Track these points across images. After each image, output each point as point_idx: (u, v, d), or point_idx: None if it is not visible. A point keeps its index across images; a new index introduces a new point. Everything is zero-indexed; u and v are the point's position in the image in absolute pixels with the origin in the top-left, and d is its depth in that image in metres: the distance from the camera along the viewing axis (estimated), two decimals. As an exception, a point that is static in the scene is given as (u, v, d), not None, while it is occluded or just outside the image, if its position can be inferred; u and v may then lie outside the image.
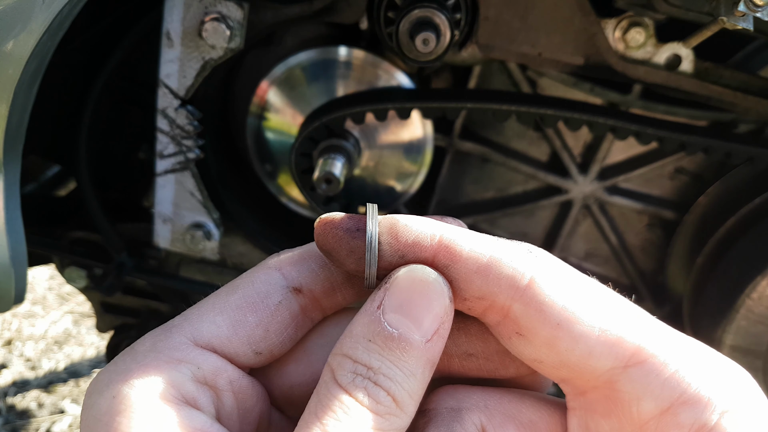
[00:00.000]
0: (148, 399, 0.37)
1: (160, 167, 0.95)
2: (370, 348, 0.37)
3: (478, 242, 0.39)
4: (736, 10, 0.71)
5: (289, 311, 0.43)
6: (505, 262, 0.38)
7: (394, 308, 0.38)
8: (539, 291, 0.38)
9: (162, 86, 0.89)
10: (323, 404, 0.36)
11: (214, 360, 0.40)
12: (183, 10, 0.83)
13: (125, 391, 0.37)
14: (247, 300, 0.42)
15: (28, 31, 0.72)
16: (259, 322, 0.42)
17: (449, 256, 0.39)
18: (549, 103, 0.93)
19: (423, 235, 0.39)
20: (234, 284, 0.43)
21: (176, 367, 0.38)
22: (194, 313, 0.42)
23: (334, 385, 0.37)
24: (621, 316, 0.37)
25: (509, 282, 0.38)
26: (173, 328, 0.40)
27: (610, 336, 0.37)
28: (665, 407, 0.36)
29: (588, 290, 0.38)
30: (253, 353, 0.42)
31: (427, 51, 0.82)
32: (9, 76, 0.73)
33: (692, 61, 0.87)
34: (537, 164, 1.10)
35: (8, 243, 0.82)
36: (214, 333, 0.41)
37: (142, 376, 0.37)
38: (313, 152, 0.97)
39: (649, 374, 0.36)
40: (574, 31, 0.86)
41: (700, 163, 1.08)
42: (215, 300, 0.42)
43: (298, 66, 1.00)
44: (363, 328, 0.38)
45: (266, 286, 0.42)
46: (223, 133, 1.11)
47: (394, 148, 1.04)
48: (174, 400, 0.37)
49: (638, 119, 0.93)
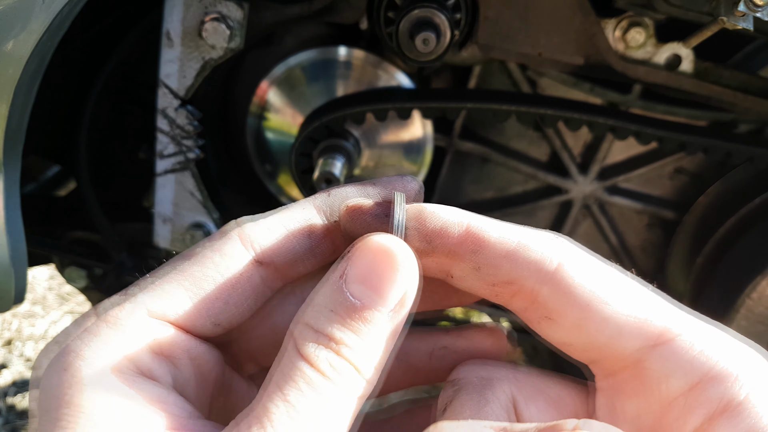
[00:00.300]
0: (101, 372, 0.36)
1: (160, 167, 0.95)
2: (332, 318, 0.37)
3: (505, 228, 0.40)
4: (736, 10, 0.71)
5: (250, 283, 0.42)
6: (533, 247, 0.39)
7: (357, 278, 0.37)
8: (568, 274, 0.39)
9: (162, 86, 0.89)
10: (285, 375, 0.36)
11: (170, 332, 0.39)
12: (183, 10, 0.83)
13: (77, 365, 0.36)
14: (207, 271, 0.41)
15: (28, 31, 0.72)
16: (219, 295, 0.41)
17: (477, 242, 0.40)
18: (549, 103, 0.93)
19: (450, 222, 0.40)
20: (192, 254, 0.42)
21: (131, 339, 0.38)
22: (150, 284, 0.40)
23: (296, 355, 0.36)
24: (646, 298, 0.39)
25: (538, 266, 0.39)
26: (128, 299, 0.39)
27: (638, 317, 0.38)
28: (694, 383, 0.36)
29: (613, 275, 0.39)
30: (212, 325, 0.41)
31: (427, 51, 0.82)
32: (9, 76, 0.73)
33: (692, 61, 0.87)
34: (537, 164, 1.10)
35: (8, 243, 0.82)
36: (171, 305, 0.40)
37: (95, 349, 0.37)
38: (313, 152, 0.97)
39: (677, 352, 0.37)
40: (574, 31, 0.86)
41: (700, 163, 1.08)
42: (172, 270, 0.41)
43: (298, 66, 1.00)
44: (325, 298, 0.38)
45: (227, 258, 0.41)
46: (223, 133, 1.11)
47: (394, 148, 1.04)
48: (128, 372, 0.37)
49: (638, 119, 0.93)
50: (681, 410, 0.37)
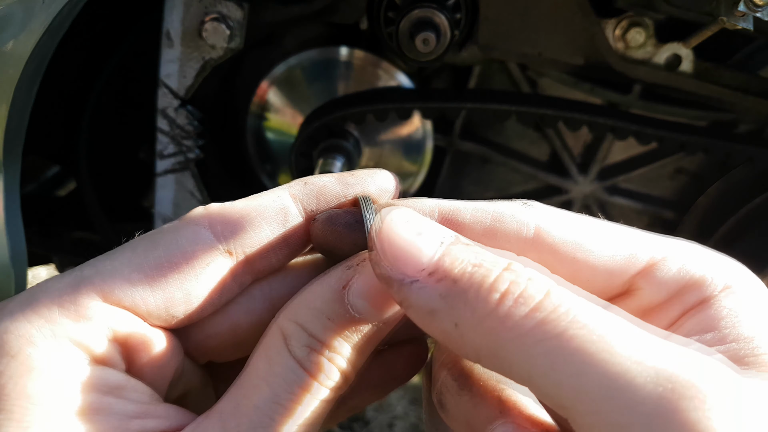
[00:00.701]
0: (55, 360, 0.34)
1: (160, 167, 0.95)
2: (327, 326, 0.37)
3: (476, 207, 0.40)
4: (736, 10, 0.71)
5: (217, 275, 0.40)
6: (507, 219, 0.39)
7: (362, 293, 0.38)
8: (547, 235, 0.39)
9: (162, 86, 0.89)
10: (276, 374, 0.36)
11: (125, 318, 0.38)
12: (183, 10, 0.83)
13: (27, 352, 0.34)
14: (170, 258, 0.38)
15: (28, 31, 0.72)
16: (181, 285, 0.39)
17: (453, 227, 0.39)
18: (549, 103, 0.93)
19: (423, 212, 0.40)
20: (154, 237, 0.40)
21: (84, 326, 0.36)
22: (107, 266, 0.38)
23: (288, 356, 0.37)
24: (626, 235, 0.40)
25: (517, 235, 0.39)
26: (82, 282, 0.37)
27: (623, 254, 0.39)
28: (674, 293, 0.38)
29: (589, 223, 0.40)
30: (168, 316, 0.39)
31: (427, 51, 0.82)
32: (9, 76, 0.73)
33: (692, 62, 0.87)
34: (537, 164, 1.10)
35: (8, 243, 0.82)
36: (128, 291, 0.38)
37: (47, 335, 0.35)
38: (313, 152, 0.97)
39: (661, 272, 0.38)
40: (574, 31, 0.86)
41: (700, 164, 1.08)
42: (131, 253, 0.39)
43: (299, 66, 1.00)
44: (324, 304, 0.38)
45: (193, 245, 0.39)
46: (223, 133, 1.11)
47: (394, 148, 1.04)
48: (83, 359, 0.36)
49: (638, 119, 0.93)
50: (658, 315, 0.38)
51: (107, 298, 0.37)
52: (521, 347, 0.30)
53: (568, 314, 0.30)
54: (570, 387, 0.29)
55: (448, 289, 0.33)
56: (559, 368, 0.29)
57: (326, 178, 0.43)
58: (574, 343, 0.29)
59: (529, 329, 0.30)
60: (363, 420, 1.87)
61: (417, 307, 0.34)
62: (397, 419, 1.88)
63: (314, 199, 0.43)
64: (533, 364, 0.30)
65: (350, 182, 0.43)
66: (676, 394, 0.28)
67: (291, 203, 0.42)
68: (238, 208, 0.41)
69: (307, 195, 0.43)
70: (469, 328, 0.32)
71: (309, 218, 0.43)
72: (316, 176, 0.44)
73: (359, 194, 0.42)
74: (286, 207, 0.42)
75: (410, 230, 0.35)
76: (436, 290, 0.33)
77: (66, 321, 0.36)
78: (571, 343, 0.29)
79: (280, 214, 0.41)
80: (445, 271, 0.33)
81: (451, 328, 0.33)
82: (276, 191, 0.43)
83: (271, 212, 0.41)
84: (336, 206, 0.43)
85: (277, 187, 0.43)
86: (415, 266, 0.34)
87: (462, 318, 0.32)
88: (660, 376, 0.28)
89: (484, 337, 0.32)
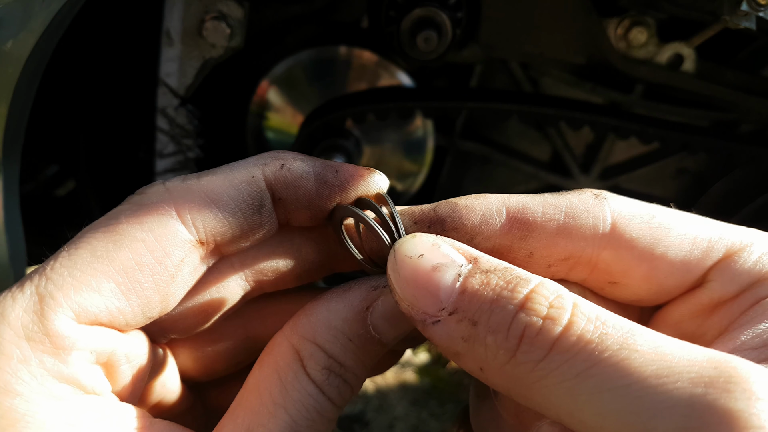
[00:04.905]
0: (44, 407, 0.30)
1: (159, 166, 0.95)
2: (347, 347, 0.36)
3: (546, 203, 0.37)
4: (739, 10, 0.71)
5: (189, 268, 0.36)
6: (581, 215, 0.37)
7: (385, 315, 0.36)
8: (625, 230, 0.36)
9: (162, 85, 0.88)
10: (294, 400, 0.34)
11: (103, 336, 0.34)
12: (183, 9, 0.83)
13: (11, 404, 0.30)
14: (140, 260, 0.34)
15: (28, 31, 0.71)
16: (157, 287, 0.35)
17: (524, 227, 0.37)
18: (550, 103, 0.92)
19: (489, 212, 0.37)
20: (116, 234, 0.34)
21: (66, 357, 0.32)
22: (69, 277, 0.33)
23: (306, 379, 0.35)
24: (704, 227, 0.38)
25: (593, 232, 0.36)
26: (48, 304, 0.32)
27: (701, 247, 0.37)
28: (745, 287, 0.36)
29: (666, 216, 0.38)
30: (146, 319, 0.36)
31: (428, 50, 0.81)
32: (9, 76, 0.73)
33: (694, 61, 0.87)
34: (538, 164, 1.10)
35: (7, 243, 0.82)
36: (101, 305, 0.33)
37: (28, 380, 0.30)
38: (313, 151, 0.96)
39: (735, 264, 0.36)
40: (576, 30, 0.86)
41: (702, 164, 1.07)
42: (92, 258, 0.33)
43: (299, 65, 1.00)
44: (345, 324, 0.36)
45: (164, 241, 0.35)
46: (223, 132, 1.11)
47: (394, 147, 1.04)
48: (71, 397, 0.32)
49: (640, 119, 0.93)
50: (728, 309, 0.36)
51: (81, 318, 0.33)
52: (543, 390, 0.30)
53: (587, 348, 0.29)
54: (593, 425, 0.28)
55: (469, 333, 0.31)
56: (582, 407, 0.28)
57: (305, 166, 0.38)
58: (591, 383, 0.28)
59: (549, 372, 0.29)
60: (363, 421, 1.86)
61: (444, 348, 0.33)
62: (398, 420, 1.87)
63: (286, 189, 0.38)
64: (558, 405, 0.29)
65: (330, 181, 0.38)
66: (712, 392, 0.26)
67: (264, 186, 0.38)
68: (206, 187, 0.36)
69: (280, 182, 0.38)
70: (492, 372, 0.31)
71: (283, 203, 0.39)
72: (295, 160, 0.39)
73: (389, 213, 0.39)
74: (262, 192, 0.37)
75: (425, 265, 0.33)
76: (458, 332, 0.32)
77: (44, 357, 0.31)
78: (590, 382, 0.28)
79: (255, 199, 0.37)
80: (464, 311, 0.32)
81: (477, 370, 0.32)
82: (249, 168, 0.38)
83: (246, 197, 0.37)
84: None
85: (250, 161, 0.38)
86: (435, 305, 0.32)
87: (485, 362, 0.31)
88: (690, 380, 0.27)
89: (508, 381, 0.31)
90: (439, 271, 0.33)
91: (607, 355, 0.28)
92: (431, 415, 1.89)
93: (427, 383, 1.98)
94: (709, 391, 0.26)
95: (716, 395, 0.26)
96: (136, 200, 0.36)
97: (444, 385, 1.98)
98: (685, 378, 0.27)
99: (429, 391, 1.96)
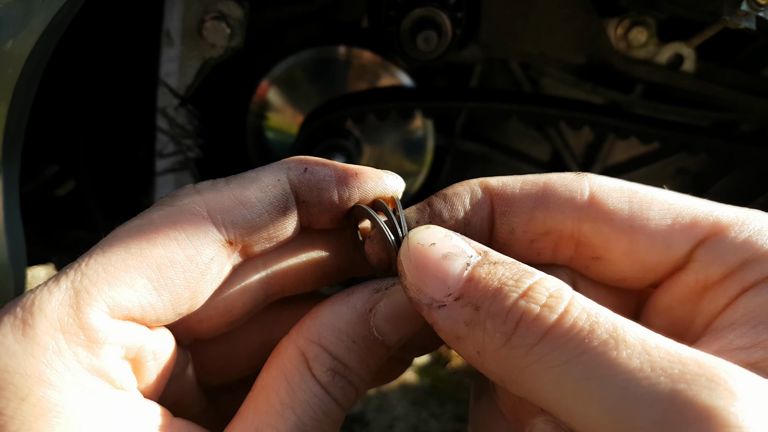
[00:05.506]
0: (74, 396, 0.31)
1: (159, 166, 0.95)
2: (352, 349, 0.37)
3: (525, 179, 0.38)
4: (739, 10, 0.71)
5: (218, 266, 0.38)
6: (559, 188, 0.38)
7: (388, 317, 0.37)
8: (603, 202, 0.37)
9: (162, 85, 0.88)
10: (301, 400, 0.35)
11: (135, 332, 0.35)
12: (183, 9, 0.83)
13: (40, 393, 0.30)
14: (173, 257, 0.35)
15: (28, 31, 0.71)
16: (187, 284, 0.36)
17: (505, 202, 0.38)
18: (550, 103, 0.92)
19: (475, 192, 0.39)
20: (149, 232, 0.36)
21: (99, 350, 0.32)
22: (104, 273, 0.34)
23: (312, 380, 0.36)
24: (688, 203, 0.37)
25: (571, 204, 0.37)
26: (83, 298, 0.32)
27: (683, 222, 0.36)
28: (735, 267, 0.35)
29: (647, 191, 0.38)
30: (175, 315, 0.37)
31: (428, 50, 0.82)
32: (9, 76, 0.73)
33: (694, 61, 0.87)
34: (538, 164, 1.10)
35: (7, 243, 0.82)
36: (134, 300, 0.34)
37: (61, 371, 0.31)
38: (313, 151, 0.96)
39: (723, 242, 0.35)
40: (576, 30, 0.86)
41: (702, 163, 1.07)
42: (126, 255, 0.34)
43: (299, 65, 1.00)
44: (348, 326, 0.37)
45: (196, 240, 0.36)
46: (222, 132, 1.11)
47: (394, 147, 1.04)
48: (101, 390, 0.32)
49: (640, 119, 0.93)
50: (716, 293, 0.35)
51: (114, 313, 0.34)
52: (534, 376, 0.30)
53: (578, 336, 0.30)
54: (578, 412, 0.29)
55: (471, 317, 0.33)
56: (568, 394, 0.29)
57: (327, 170, 0.40)
58: (579, 370, 0.29)
59: (541, 357, 0.30)
60: (363, 421, 1.86)
61: (445, 332, 0.34)
62: (398, 420, 1.87)
63: (309, 192, 0.40)
64: (547, 391, 0.30)
65: (351, 183, 0.41)
66: (694, 388, 0.27)
67: (289, 189, 0.40)
68: (235, 190, 0.38)
69: (303, 185, 0.40)
70: (488, 356, 0.32)
71: (306, 206, 0.41)
72: (317, 164, 0.41)
73: (395, 215, 0.40)
74: (287, 194, 0.39)
75: (436, 253, 0.34)
76: (461, 316, 0.33)
77: (77, 349, 0.32)
78: (578, 369, 0.29)
79: (281, 201, 0.39)
80: (468, 296, 0.33)
81: (474, 355, 0.33)
82: (275, 172, 0.40)
83: (272, 199, 0.39)
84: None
85: (275, 166, 0.40)
86: (442, 291, 0.34)
87: (482, 346, 0.32)
88: (670, 378, 0.27)
89: (501, 366, 0.32)
90: (449, 258, 0.34)
91: (596, 344, 0.29)
92: (431, 415, 1.89)
93: (427, 383, 1.98)
94: (691, 387, 0.27)
95: (697, 392, 0.27)
96: (168, 202, 0.38)
97: (444, 385, 1.98)
98: (668, 373, 0.27)
99: (429, 391, 1.96)
